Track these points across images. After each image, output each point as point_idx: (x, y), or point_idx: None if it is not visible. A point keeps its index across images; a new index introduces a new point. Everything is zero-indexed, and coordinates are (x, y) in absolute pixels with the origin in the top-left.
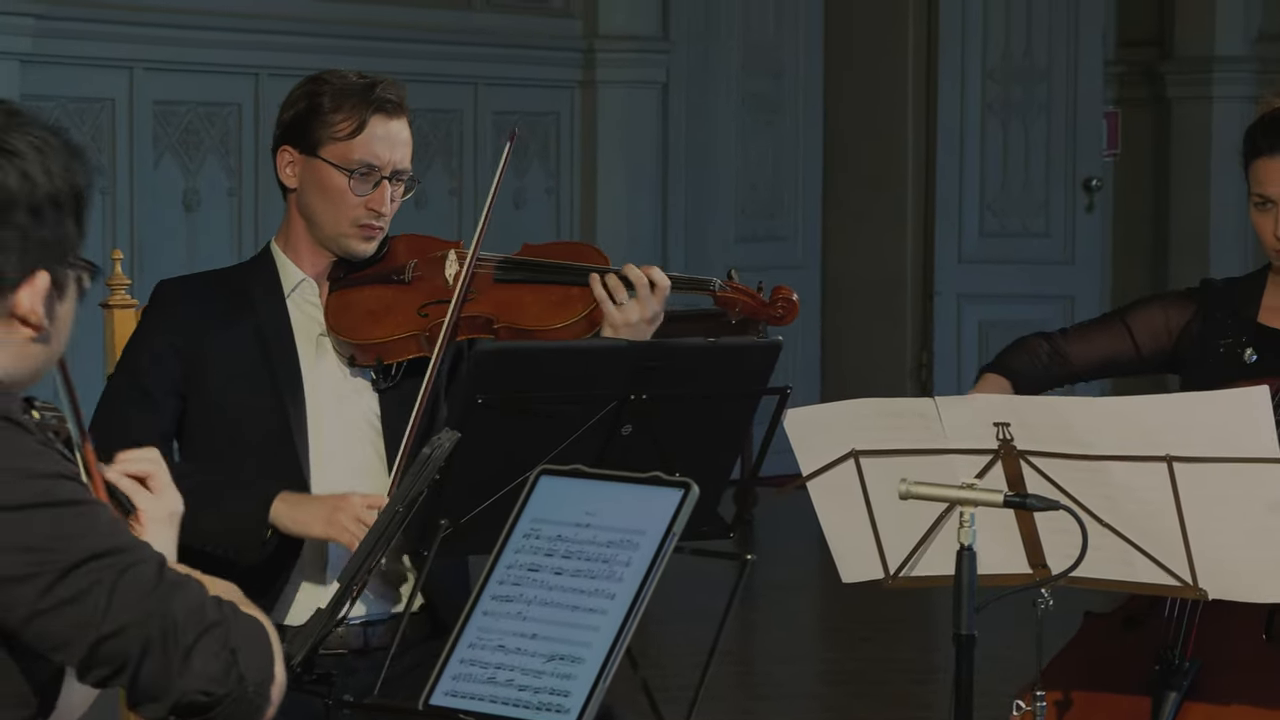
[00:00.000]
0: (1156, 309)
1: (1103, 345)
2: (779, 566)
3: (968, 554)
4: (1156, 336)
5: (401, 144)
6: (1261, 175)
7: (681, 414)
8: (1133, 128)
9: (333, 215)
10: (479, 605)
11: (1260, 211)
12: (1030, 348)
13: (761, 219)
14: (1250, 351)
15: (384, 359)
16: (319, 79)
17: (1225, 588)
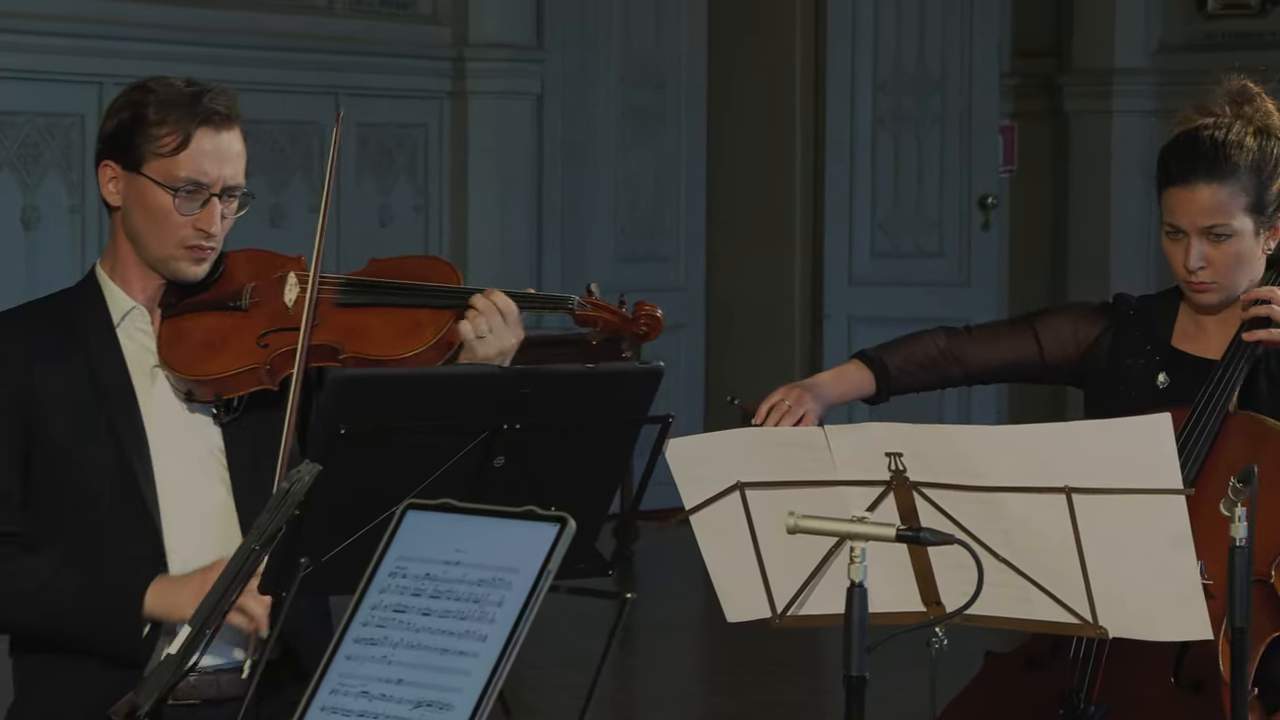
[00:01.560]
0: (1067, 318)
1: (1007, 348)
2: (660, 605)
3: (858, 591)
4: (1064, 346)
5: (232, 158)
6: (1174, 205)
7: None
8: (1030, 142)
9: (158, 236)
10: (341, 649)
11: (1172, 241)
12: (920, 343)
13: (642, 237)
14: (1163, 376)
15: (223, 394)
16: (143, 87)
17: (1126, 626)
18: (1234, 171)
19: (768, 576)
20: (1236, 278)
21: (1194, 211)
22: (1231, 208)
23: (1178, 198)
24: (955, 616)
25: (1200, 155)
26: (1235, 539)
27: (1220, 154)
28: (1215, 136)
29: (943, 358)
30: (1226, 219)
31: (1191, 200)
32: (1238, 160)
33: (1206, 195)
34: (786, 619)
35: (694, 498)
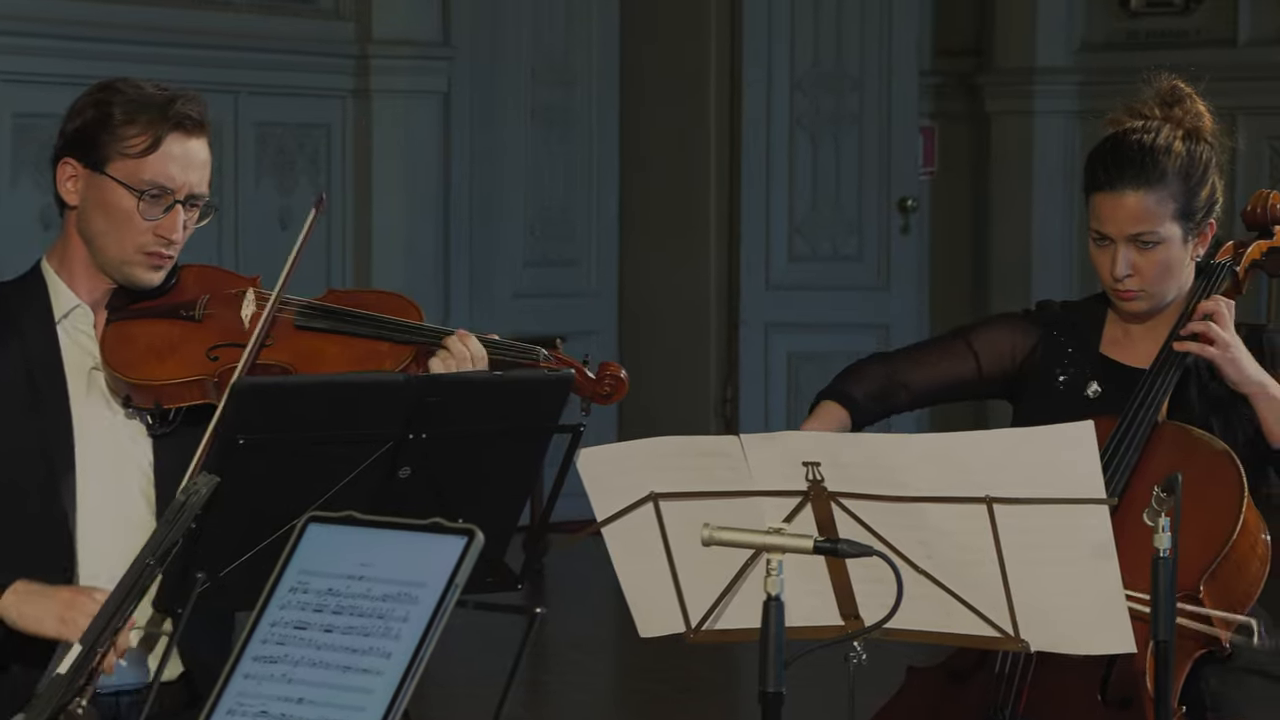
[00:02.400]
0: (1003, 330)
1: (945, 368)
2: (572, 621)
3: (775, 604)
4: (1001, 359)
5: (199, 165)
6: (1101, 211)
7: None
8: (950, 143)
9: (117, 239)
10: (239, 667)
11: (1099, 248)
12: (868, 373)
13: (553, 241)
14: (1094, 386)
15: (163, 402)
16: (111, 87)
17: (1048, 639)
18: (1162, 178)
19: (682, 590)
20: (1164, 286)
21: (1121, 218)
22: (1159, 215)
23: (1104, 204)
24: (874, 630)
25: (1128, 161)
26: (1159, 549)
27: (1148, 159)
28: (1143, 141)
29: (891, 385)
30: (1154, 226)
31: (1118, 207)
32: (1166, 166)
33: (1134, 202)
34: (701, 634)
35: (606, 509)
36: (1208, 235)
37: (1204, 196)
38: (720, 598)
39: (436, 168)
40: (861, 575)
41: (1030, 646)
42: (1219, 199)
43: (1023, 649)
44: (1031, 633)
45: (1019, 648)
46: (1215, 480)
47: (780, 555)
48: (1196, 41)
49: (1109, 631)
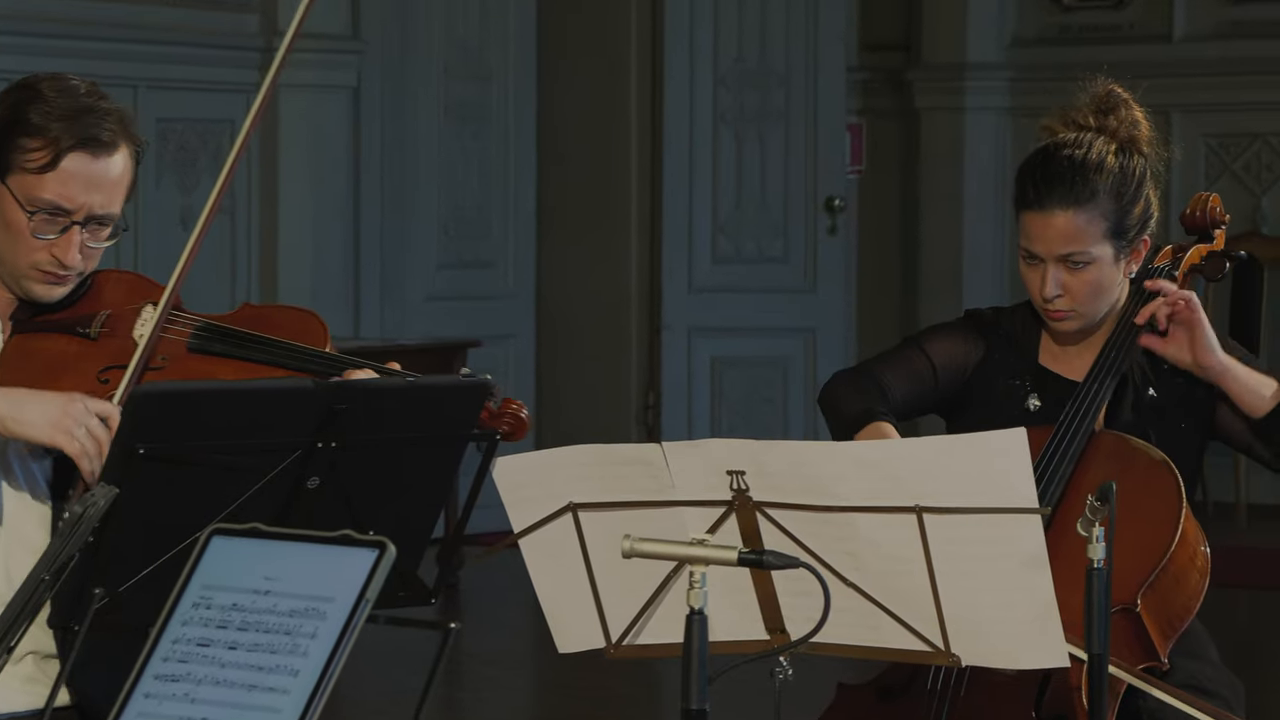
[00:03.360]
0: (955, 340)
1: (911, 380)
2: (487, 636)
3: (698, 618)
4: (954, 369)
5: (105, 186)
6: (1030, 230)
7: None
8: (878, 141)
9: (12, 253)
10: (139, 686)
11: (1029, 266)
12: (867, 384)
13: (468, 242)
14: (1034, 399)
15: None
16: (32, 86)
17: (979, 653)
18: (1093, 197)
19: (602, 604)
20: (1096, 305)
21: (1050, 238)
22: (1090, 235)
23: (1034, 223)
24: (800, 645)
25: (1058, 179)
26: (1093, 560)
27: (1079, 178)
28: (1074, 157)
29: (886, 403)
30: (1084, 246)
31: (1048, 226)
32: (1097, 184)
33: (1063, 222)
34: (622, 649)
35: (523, 520)
36: (1141, 252)
37: (1137, 214)
38: (641, 612)
39: (346, 165)
40: (788, 588)
41: (961, 660)
42: (1154, 214)
43: (953, 663)
44: (962, 646)
45: (950, 662)
46: (1153, 490)
47: (703, 567)
48: (1131, 37)
49: (1041, 645)
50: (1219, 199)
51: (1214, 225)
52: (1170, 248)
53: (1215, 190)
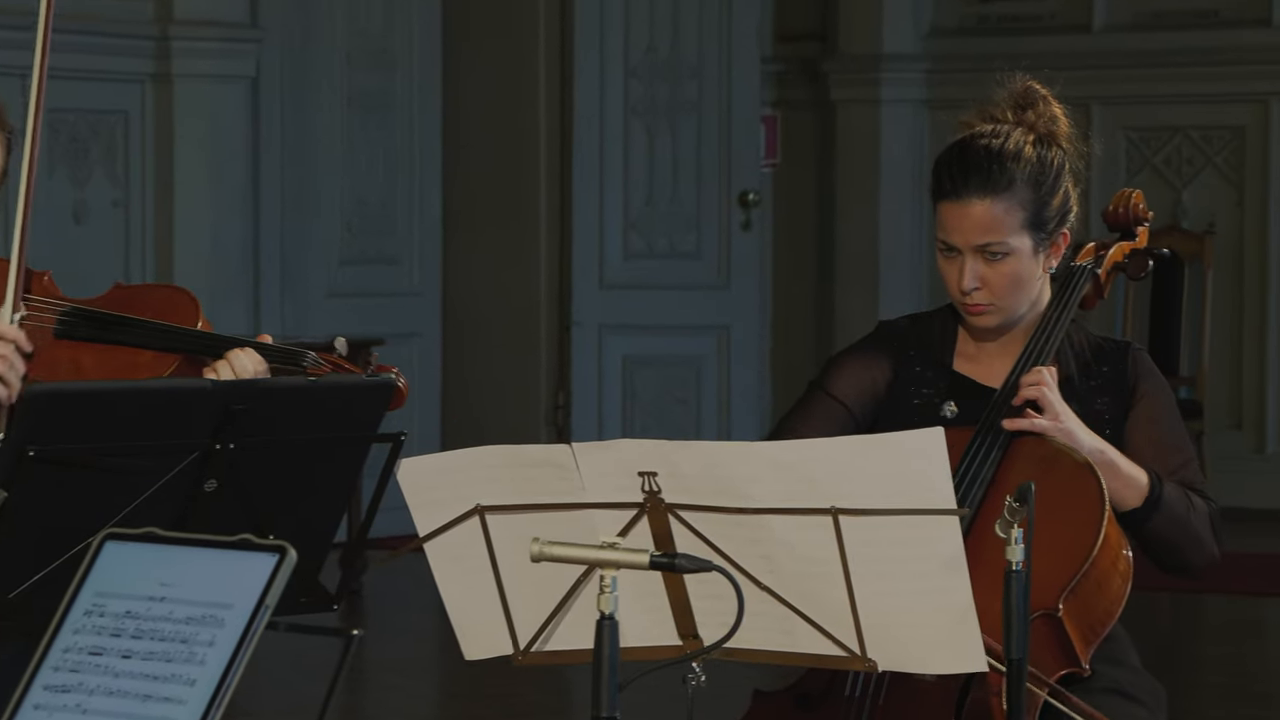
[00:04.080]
0: (858, 368)
1: (826, 426)
2: (391, 643)
3: (608, 624)
4: (867, 397)
5: None
6: (947, 221)
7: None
8: (793, 134)
9: None
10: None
11: (946, 258)
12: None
13: (371, 237)
14: (950, 406)
15: None
16: None
17: (896, 658)
18: (1010, 185)
19: (510, 609)
20: (1015, 300)
21: (967, 228)
22: (1007, 224)
23: (950, 213)
24: (713, 650)
25: (974, 167)
26: (1011, 562)
27: (995, 166)
28: (991, 146)
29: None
30: (1002, 236)
31: (964, 216)
32: (1014, 173)
33: (980, 211)
34: (530, 656)
35: (428, 523)
36: (1061, 246)
37: (1056, 205)
38: (550, 617)
39: (244, 158)
40: (701, 592)
41: (878, 665)
42: (1073, 208)
43: (870, 668)
44: (879, 651)
45: (866, 667)
46: (1076, 493)
47: (614, 571)
48: (1050, 27)
49: (960, 649)
50: (1142, 195)
51: (1137, 222)
52: (1093, 245)
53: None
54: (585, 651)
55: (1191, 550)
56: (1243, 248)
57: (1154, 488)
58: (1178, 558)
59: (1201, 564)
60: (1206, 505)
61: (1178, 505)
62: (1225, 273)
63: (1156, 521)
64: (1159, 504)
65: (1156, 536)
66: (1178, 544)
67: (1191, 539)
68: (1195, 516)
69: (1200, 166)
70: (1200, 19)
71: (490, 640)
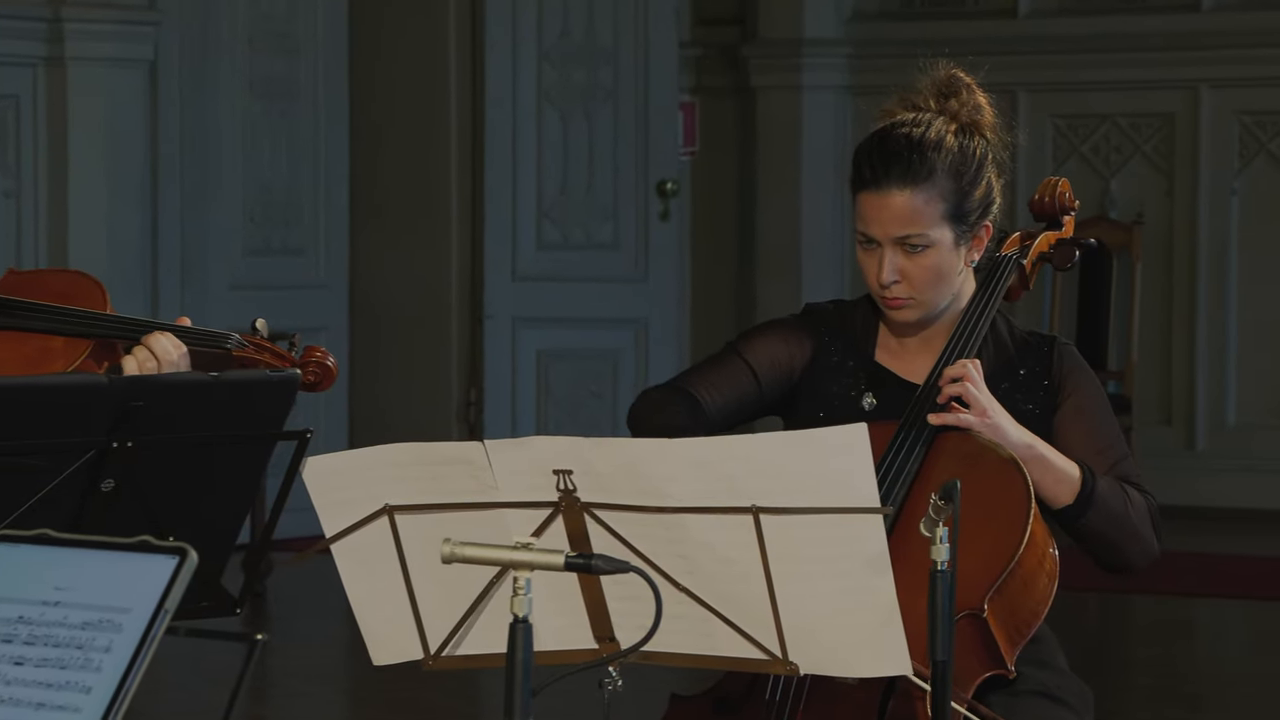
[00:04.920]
0: (777, 340)
1: (729, 388)
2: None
3: (522, 626)
4: (779, 371)
5: None
6: (866, 212)
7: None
8: (713, 121)
9: None
10: None
11: (865, 250)
12: (671, 401)
13: (275, 228)
14: (870, 397)
15: None
16: None
17: (818, 661)
18: (930, 175)
19: (420, 613)
20: (935, 293)
21: (886, 219)
22: (928, 215)
23: (869, 203)
24: (630, 654)
25: (894, 157)
26: (936, 562)
27: (916, 156)
28: (912, 136)
29: (693, 413)
30: (922, 228)
31: (883, 207)
32: (935, 163)
33: (900, 202)
34: (441, 660)
35: (336, 524)
36: (983, 239)
37: (978, 197)
38: (462, 620)
39: (142, 144)
40: (617, 593)
41: (799, 669)
42: (996, 199)
43: (791, 672)
44: (800, 654)
45: (787, 670)
46: (1001, 491)
47: (528, 572)
48: (975, 12)
49: (883, 652)
50: (1069, 184)
51: (1063, 211)
52: (1018, 235)
53: (1063, 173)
54: (498, 655)
55: (1130, 547)
56: (1172, 238)
57: (1087, 482)
58: (1117, 555)
59: (1142, 561)
60: (1145, 500)
61: (1114, 500)
62: (1154, 264)
63: (1092, 518)
64: (1093, 499)
65: (1093, 534)
66: (1115, 541)
67: (1130, 535)
68: (1133, 511)
69: (1129, 155)
70: (1128, 4)
71: (399, 645)
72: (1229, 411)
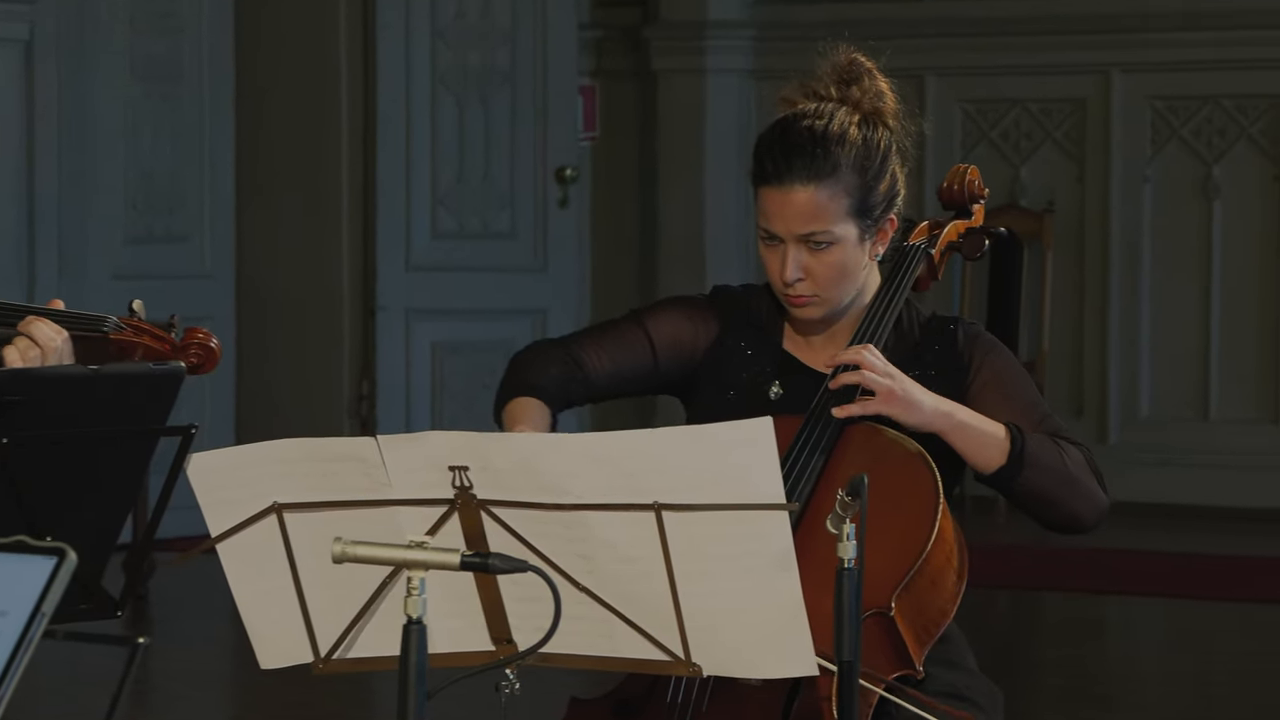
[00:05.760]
0: (681, 316)
1: (620, 356)
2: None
3: (416, 628)
4: (680, 350)
5: None
6: (768, 208)
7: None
8: (614, 105)
9: None
10: None
11: (767, 246)
12: (545, 356)
13: (158, 215)
14: (777, 386)
15: None
16: None
17: (722, 662)
18: (835, 171)
19: (310, 614)
20: (840, 290)
21: (789, 216)
22: (832, 212)
23: (772, 199)
24: (528, 656)
25: (796, 151)
26: (843, 559)
27: (819, 150)
28: (814, 128)
29: (569, 373)
30: (827, 225)
31: (786, 204)
32: (839, 158)
33: (803, 198)
34: (332, 664)
35: (221, 523)
36: (888, 232)
37: (882, 191)
38: (353, 622)
39: (18, 127)
40: (515, 594)
41: (702, 670)
42: (900, 190)
43: (694, 673)
44: (703, 655)
45: (690, 672)
46: (909, 485)
47: (422, 572)
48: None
49: (789, 652)
50: (978, 171)
51: (973, 200)
52: (926, 224)
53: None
54: (391, 658)
55: (1076, 500)
56: (1084, 226)
57: (1016, 440)
58: (1062, 511)
59: (1090, 514)
60: (1080, 450)
61: (1048, 455)
62: (1066, 253)
63: (1028, 476)
64: (1024, 456)
65: (1033, 492)
66: (1059, 496)
67: (1071, 488)
68: (1070, 464)
69: (1039, 141)
70: None
71: (288, 648)
72: (1142, 403)
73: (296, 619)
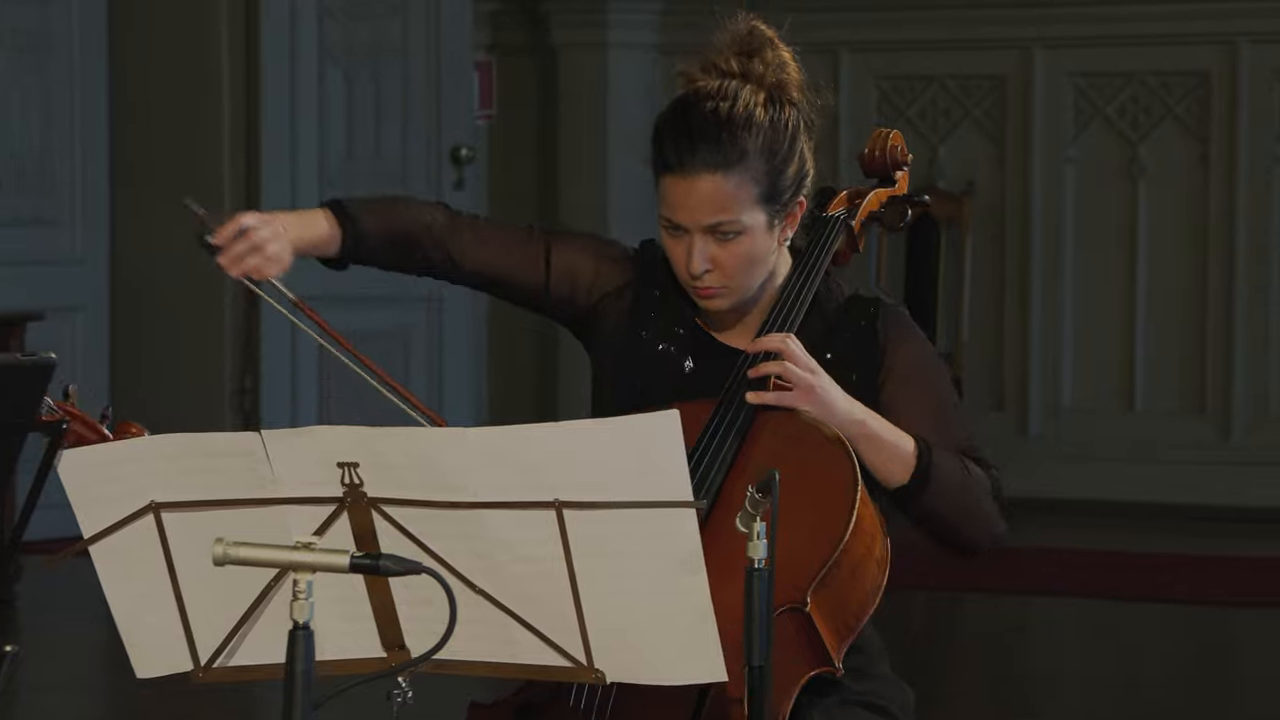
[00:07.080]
0: (589, 255)
1: (509, 260)
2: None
3: (302, 634)
4: (576, 285)
5: None
6: (672, 198)
7: None
8: (511, 82)
9: None
10: None
11: (672, 238)
12: (409, 212)
13: (26, 196)
14: (689, 360)
15: None
16: None
17: (626, 668)
18: (742, 158)
19: (189, 620)
20: (749, 280)
21: (694, 207)
22: (740, 201)
23: (676, 189)
24: (421, 663)
25: (701, 137)
26: (753, 560)
27: (725, 137)
28: (719, 112)
29: (430, 238)
30: (734, 215)
31: (691, 194)
32: (746, 144)
33: (709, 188)
34: (213, 672)
35: (95, 523)
36: (797, 215)
37: (791, 174)
38: (236, 628)
39: None
40: (409, 597)
41: (606, 677)
42: (810, 171)
43: (598, 680)
44: (607, 660)
45: (594, 679)
46: (825, 472)
47: (309, 575)
48: None
49: (697, 657)
50: (901, 136)
51: (896, 166)
52: (846, 193)
53: None
54: (276, 666)
55: (971, 527)
56: (1004, 209)
57: (923, 458)
58: (958, 536)
59: (985, 541)
60: (987, 475)
61: (952, 477)
62: (985, 237)
63: (929, 497)
64: (929, 477)
65: (931, 514)
66: (956, 522)
67: (970, 515)
68: (974, 488)
69: (958, 120)
70: None
71: (166, 655)
72: (1064, 394)
73: (176, 625)
